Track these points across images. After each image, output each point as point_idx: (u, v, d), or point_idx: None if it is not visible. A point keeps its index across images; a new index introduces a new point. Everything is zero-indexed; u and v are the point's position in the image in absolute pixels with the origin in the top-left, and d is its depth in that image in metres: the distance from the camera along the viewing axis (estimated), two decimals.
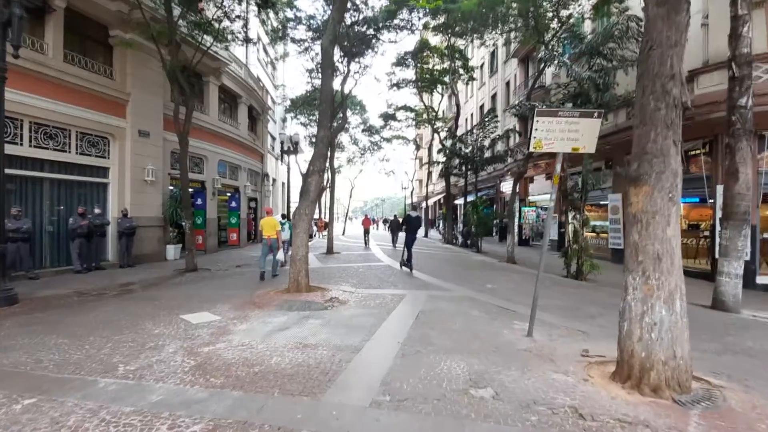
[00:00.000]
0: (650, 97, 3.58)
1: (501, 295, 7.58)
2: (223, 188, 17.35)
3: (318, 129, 7.14)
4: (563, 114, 4.05)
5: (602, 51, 9.78)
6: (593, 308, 6.72)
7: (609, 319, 5.96)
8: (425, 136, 43.20)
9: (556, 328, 5.37)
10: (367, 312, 6.02)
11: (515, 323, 5.56)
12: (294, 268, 6.99)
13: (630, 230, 3.61)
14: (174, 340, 4.63)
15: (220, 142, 16.12)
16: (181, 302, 6.75)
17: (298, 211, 7.10)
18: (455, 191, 30.68)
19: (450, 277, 9.87)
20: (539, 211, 21.61)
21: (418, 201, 48.12)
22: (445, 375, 3.63)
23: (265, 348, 4.30)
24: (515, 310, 6.39)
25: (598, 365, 3.99)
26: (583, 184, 10.19)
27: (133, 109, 12.01)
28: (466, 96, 32.77)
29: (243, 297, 7.01)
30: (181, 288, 8.38)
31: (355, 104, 30.33)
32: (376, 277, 9.78)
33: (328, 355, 4.08)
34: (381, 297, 7.19)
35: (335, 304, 6.44)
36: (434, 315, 5.91)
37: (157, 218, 12.77)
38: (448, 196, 23.30)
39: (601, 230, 16.20)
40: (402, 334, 4.90)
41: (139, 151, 12.13)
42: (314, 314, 5.83)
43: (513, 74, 23.42)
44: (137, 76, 12.06)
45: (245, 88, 18.47)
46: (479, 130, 19.80)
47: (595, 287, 9.08)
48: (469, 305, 6.67)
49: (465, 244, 20.36)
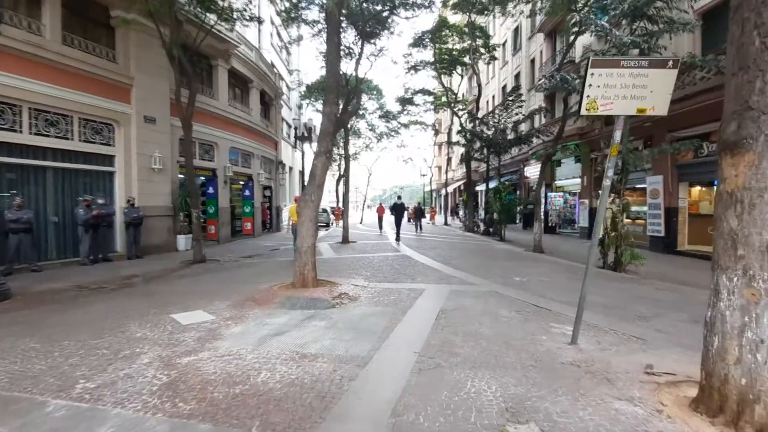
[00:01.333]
0: (754, 33, 2.61)
1: (532, 290, 6.71)
2: (236, 176, 16.85)
3: (324, 104, 6.36)
4: (627, 64, 3.12)
5: (647, 11, 8.55)
6: (642, 307, 5.78)
7: (666, 321, 5.05)
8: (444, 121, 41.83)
9: (603, 333, 4.50)
10: (380, 311, 5.28)
11: (553, 326, 4.71)
12: (299, 261, 6.30)
13: (723, 214, 2.69)
14: (154, 346, 4.00)
15: (230, 128, 15.55)
16: (178, 298, 6.18)
17: (303, 197, 6.37)
18: (476, 177, 29.47)
19: (473, 268, 9.02)
20: (567, 197, 20.34)
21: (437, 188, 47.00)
22: (473, 401, 2.84)
23: (255, 359, 3.61)
24: (550, 309, 5.52)
25: (670, 387, 3.13)
26: (623, 165, 9.08)
27: (137, 93, 11.49)
28: (487, 77, 31.27)
29: (245, 292, 6.37)
30: (184, 281, 7.84)
31: (371, 89, 29.34)
32: (393, 268, 9.03)
33: (328, 370, 3.35)
34: (397, 292, 6.43)
35: (344, 302, 5.72)
36: (457, 315, 5.11)
37: (166, 207, 12.33)
38: (468, 182, 22.23)
39: (635, 216, 14.94)
40: (419, 340, 4.13)
41: (145, 137, 11.65)
42: (319, 314, 5.12)
43: (539, 50, 21.94)
44: (141, 59, 11.50)
45: (257, 72, 17.78)
46: (502, 111, 18.57)
47: (639, 280, 8.07)
48: (497, 302, 5.84)
49: (487, 232, 19.36)
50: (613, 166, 3.40)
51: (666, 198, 12.65)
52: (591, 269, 3.79)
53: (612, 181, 9.25)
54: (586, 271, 3.75)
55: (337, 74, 6.33)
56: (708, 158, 11.54)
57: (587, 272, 3.74)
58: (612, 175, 3.40)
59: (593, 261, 3.80)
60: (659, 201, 12.82)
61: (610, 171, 3.38)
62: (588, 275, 3.77)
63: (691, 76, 11.22)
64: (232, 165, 15.81)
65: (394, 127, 31.48)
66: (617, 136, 3.30)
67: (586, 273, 3.75)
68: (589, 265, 3.74)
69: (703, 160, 11.72)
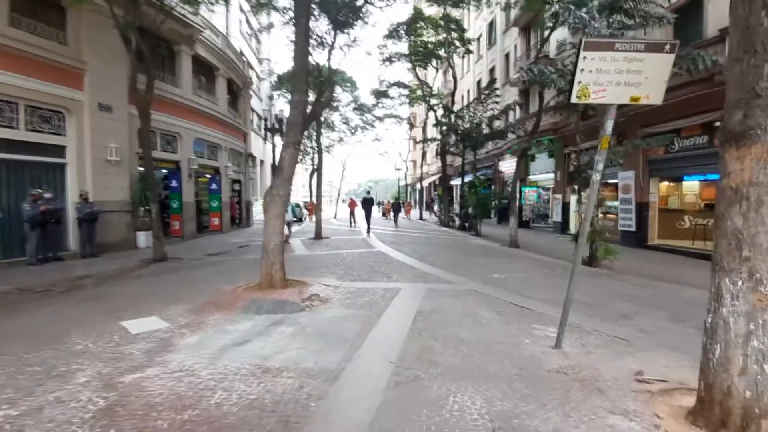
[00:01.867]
0: (762, 12, 2.39)
1: (511, 288, 6.51)
2: (202, 169, 16.02)
3: (292, 93, 5.89)
4: (622, 47, 2.86)
5: (624, 5, 8.48)
6: (622, 304, 5.67)
7: (647, 319, 4.94)
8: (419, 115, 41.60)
9: (587, 334, 4.31)
10: (353, 314, 4.91)
11: (536, 327, 4.49)
12: (266, 260, 5.84)
13: (727, 212, 2.48)
14: (95, 361, 3.49)
15: (195, 118, 14.69)
16: (131, 302, 5.61)
17: (269, 191, 5.89)
18: (451, 171, 29.44)
19: (450, 265, 8.79)
20: (540, 192, 20.54)
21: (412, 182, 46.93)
22: (456, 422, 2.53)
23: (210, 375, 3.18)
24: (531, 308, 5.32)
25: (663, 396, 2.92)
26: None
27: (91, 79, 10.58)
28: (462, 71, 31.19)
29: (207, 295, 5.87)
30: (140, 282, 7.23)
31: (345, 80, 28.68)
32: (367, 266, 8.67)
33: (293, 388, 2.96)
34: (371, 292, 6.09)
35: (315, 304, 5.32)
36: (435, 317, 4.82)
37: (125, 202, 11.49)
38: (444, 176, 22.11)
39: (606, 210, 15.18)
40: (396, 347, 3.80)
41: (99, 127, 10.76)
42: (287, 318, 4.70)
43: (513, 45, 21.96)
44: (95, 41, 10.57)
45: (223, 60, 16.90)
46: (478, 105, 18.46)
47: (614, 276, 8.05)
48: (476, 302, 5.59)
49: (463, 226, 19.31)
50: (604, 160, 3.15)
51: (637, 193, 12.85)
52: (577, 270, 3.55)
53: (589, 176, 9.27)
54: (572, 273, 3.51)
55: (305, 60, 5.87)
56: (678, 154, 11.75)
57: (573, 274, 3.51)
58: (602, 168, 3.15)
59: (578, 260, 3.56)
60: (631, 196, 13.02)
61: (600, 165, 3.13)
62: (574, 278, 3.53)
63: None
64: (198, 157, 14.97)
65: (369, 120, 31.04)
66: (608, 127, 3.05)
67: (572, 275, 3.51)
68: (576, 266, 3.51)
69: (673, 156, 11.94)
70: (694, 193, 13.30)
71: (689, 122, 11.13)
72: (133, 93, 9.13)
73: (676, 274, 8.46)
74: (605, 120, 3.06)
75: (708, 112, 10.28)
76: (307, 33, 5.89)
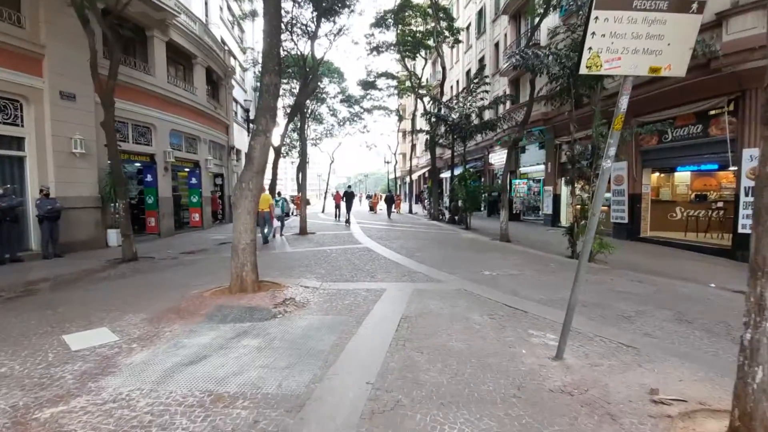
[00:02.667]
0: None
1: (503, 287, 6.07)
2: (180, 163, 15.28)
3: (262, 74, 5.29)
4: (641, 4, 2.35)
5: None
6: (622, 303, 5.26)
7: (651, 321, 4.52)
8: (408, 106, 40.99)
9: (589, 341, 3.87)
10: (330, 321, 4.40)
11: (532, 334, 4.04)
12: (236, 261, 5.28)
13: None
14: (14, 389, 2.93)
15: (171, 108, 13.90)
16: (85, 309, 5.02)
17: (238, 185, 5.31)
18: (440, 164, 28.98)
19: (439, 261, 8.33)
20: (531, 184, 20.19)
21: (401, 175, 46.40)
22: None
23: (148, 407, 2.64)
24: (526, 310, 4.87)
25: (685, 421, 2.48)
26: (593, 150, 8.62)
27: (51, 65, 9.79)
28: (451, 62, 30.63)
29: (170, 300, 5.30)
30: (101, 286, 6.60)
31: (332, 71, 27.97)
32: (351, 264, 8.16)
33: (246, 423, 2.44)
34: (353, 294, 5.58)
35: (289, 310, 4.79)
36: (422, 323, 4.33)
37: (93, 198, 10.76)
38: (433, 168, 21.61)
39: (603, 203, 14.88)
40: (375, 363, 3.30)
41: (62, 117, 10.00)
42: (255, 328, 4.17)
43: (503, 33, 21.44)
44: (54, 24, 9.76)
45: (202, 47, 16.06)
46: (467, 95, 17.95)
47: (610, 271, 7.67)
48: (467, 304, 5.12)
49: (452, 220, 18.88)
50: (617, 143, 2.67)
51: (630, 184, 12.52)
52: (582, 271, 3.09)
53: (584, 167, 8.84)
54: (577, 277, 3.04)
55: (277, 37, 5.27)
56: (672, 144, 11.41)
57: (578, 278, 3.04)
58: (613, 153, 2.67)
59: (584, 260, 3.10)
60: (623, 187, 12.69)
61: (612, 149, 2.65)
62: (579, 282, 3.07)
63: None
64: (175, 150, 14.22)
65: (357, 111, 30.38)
66: (623, 104, 2.56)
67: (577, 278, 3.05)
68: (581, 267, 3.05)
69: (667, 146, 11.60)
70: (685, 184, 13.06)
71: (683, 111, 10.76)
72: (93, 78, 8.36)
73: (672, 268, 8.12)
74: (620, 95, 2.57)
75: (703, 100, 9.92)
76: (278, 6, 5.28)
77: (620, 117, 2.58)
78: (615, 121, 2.57)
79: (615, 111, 2.60)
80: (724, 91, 9.50)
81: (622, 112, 2.59)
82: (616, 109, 2.59)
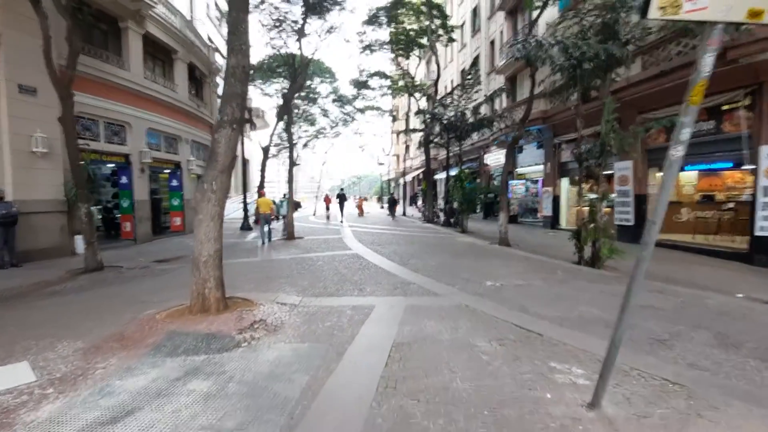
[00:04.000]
0: None
1: (510, 301, 5.30)
2: (160, 164, 14.37)
3: (228, 55, 4.49)
4: None
5: None
6: (651, 322, 4.50)
7: (691, 346, 3.79)
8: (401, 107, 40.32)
9: (625, 375, 3.12)
10: (306, 353, 3.59)
11: (555, 368, 3.27)
12: (196, 277, 4.45)
13: None
14: None
15: (148, 105, 13.00)
16: (11, 336, 4.17)
17: (200, 186, 4.49)
18: (435, 165, 28.28)
19: (435, 270, 7.55)
20: (528, 185, 19.52)
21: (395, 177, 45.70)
22: None
23: None
24: (541, 333, 4.10)
25: None
26: (602, 147, 7.91)
27: (7, 55, 8.91)
28: (446, 61, 29.97)
29: (120, 323, 4.46)
30: (48, 303, 5.74)
31: (323, 71, 27.19)
32: (338, 273, 7.35)
33: None
34: (337, 313, 4.78)
35: (257, 336, 3.98)
36: (417, 355, 3.54)
37: (57, 201, 9.85)
38: (428, 169, 20.89)
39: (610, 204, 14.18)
40: (356, 419, 2.51)
41: (20, 113, 9.10)
42: (210, 363, 3.35)
43: (499, 31, 20.79)
44: (12, 10, 8.89)
45: (183, 42, 15.18)
46: (462, 92, 17.27)
47: (624, 280, 6.85)
48: (470, 325, 4.34)
49: (448, 222, 18.15)
50: (692, 122, 1.92)
51: (635, 185, 11.86)
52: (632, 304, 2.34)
53: (592, 165, 8.12)
54: (626, 305, 2.29)
55: (244, 10, 4.47)
56: None
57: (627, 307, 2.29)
58: (687, 137, 1.92)
59: (638, 282, 2.34)
60: (628, 188, 12.03)
61: (686, 131, 1.90)
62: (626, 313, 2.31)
63: (666, 51, 10.31)
64: (153, 150, 13.31)
65: (349, 112, 29.61)
66: (707, 65, 1.81)
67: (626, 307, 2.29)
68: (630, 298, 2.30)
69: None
70: (691, 184, 12.43)
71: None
72: (48, 67, 7.49)
73: (688, 275, 7.43)
74: (702, 54, 1.82)
75: (717, 94, 9.25)
76: None
77: (702, 84, 1.84)
78: (693, 91, 1.83)
79: (694, 77, 1.85)
80: (739, 83, 8.86)
81: (705, 78, 1.84)
82: (696, 74, 1.84)
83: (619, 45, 7.39)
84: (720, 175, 12.15)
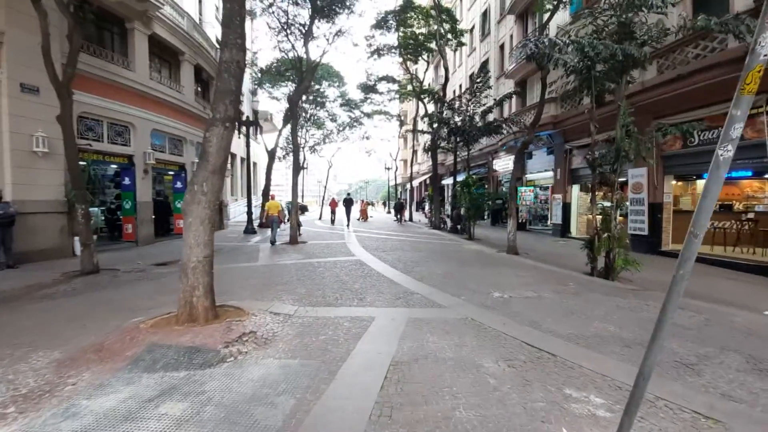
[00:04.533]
0: None
1: (519, 316, 4.95)
2: (165, 165, 14.26)
3: (222, 49, 4.25)
4: None
5: None
6: (675, 342, 4.12)
7: (722, 372, 3.41)
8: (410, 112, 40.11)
9: (652, 406, 2.77)
10: (295, 371, 3.29)
11: (570, 395, 2.92)
12: (184, 284, 4.18)
13: None
14: None
15: (153, 106, 12.90)
16: None
17: (190, 188, 4.23)
18: (442, 170, 27.95)
19: (440, 279, 7.21)
20: (537, 192, 19.10)
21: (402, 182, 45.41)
22: None
23: None
24: (554, 353, 3.75)
25: None
26: (617, 153, 7.54)
27: (10, 53, 8.83)
28: (454, 65, 29.73)
29: (101, 331, 4.20)
30: (37, 308, 5.51)
31: (331, 74, 27.12)
32: (338, 281, 7.05)
33: None
34: (333, 325, 4.48)
35: (245, 349, 3.69)
36: (418, 376, 3.22)
37: (57, 202, 9.71)
38: (435, 174, 20.54)
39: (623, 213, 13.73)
40: None
41: (22, 111, 9.00)
42: (190, 381, 3.07)
43: (509, 35, 20.50)
44: (15, 8, 8.82)
45: (189, 43, 15.12)
46: (471, 96, 16.96)
47: (640, 294, 6.52)
48: (477, 342, 4.01)
49: (454, 229, 17.78)
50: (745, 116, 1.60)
51: (650, 193, 11.41)
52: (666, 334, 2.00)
53: (606, 172, 7.74)
54: (659, 334, 1.96)
55: (239, 1, 4.23)
56: (698, 148, 10.34)
57: (660, 336, 1.95)
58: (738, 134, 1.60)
59: (671, 309, 2.01)
60: (642, 196, 11.58)
61: (737, 126, 1.58)
62: (661, 338, 1.97)
63: (684, 54, 9.92)
64: (157, 151, 13.19)
65: (357, 116, 29.47)
66: (767, 44, 1.50)
67: (658, 336, 1.96)
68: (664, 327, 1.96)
69: (692, 150, 10.52)
70: None
71: (713, 111, 9.67)
72: (46, 65, 7.33)
73: (709, 289, 7.00)
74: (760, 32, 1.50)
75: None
76: None
77: (759, 69, 1.52)
78: (747, 78, 1.51)
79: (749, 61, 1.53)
80: (761, 88, 8.42)
81: (762, 63, 1.52)
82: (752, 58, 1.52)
83: (636, 45, 7.04)
84: (738, 183, 11.67)
